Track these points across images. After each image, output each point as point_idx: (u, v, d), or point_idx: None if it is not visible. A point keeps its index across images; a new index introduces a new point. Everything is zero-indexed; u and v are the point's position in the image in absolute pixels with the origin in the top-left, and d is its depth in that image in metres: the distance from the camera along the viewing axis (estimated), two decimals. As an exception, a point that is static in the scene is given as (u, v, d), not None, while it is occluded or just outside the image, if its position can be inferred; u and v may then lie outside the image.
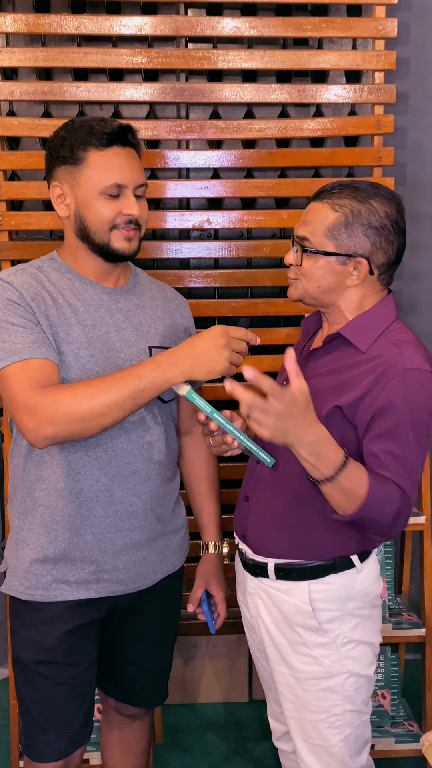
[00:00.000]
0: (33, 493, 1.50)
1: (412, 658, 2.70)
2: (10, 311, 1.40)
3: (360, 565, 1.47)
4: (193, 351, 1.38)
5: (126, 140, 1.47)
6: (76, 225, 1.47)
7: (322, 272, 1.42)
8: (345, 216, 1.39)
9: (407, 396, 1.33)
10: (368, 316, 1.44)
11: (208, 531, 1.73)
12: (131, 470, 1.51)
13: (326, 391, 1.41)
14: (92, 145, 1.43)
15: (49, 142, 1.50)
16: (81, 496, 1.48)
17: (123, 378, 1.36)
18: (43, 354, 1.39)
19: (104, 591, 1.52)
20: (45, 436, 1.35)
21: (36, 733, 1.54)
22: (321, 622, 1.45)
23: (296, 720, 1.52)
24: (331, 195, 1.42)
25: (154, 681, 1.73)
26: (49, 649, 1.50)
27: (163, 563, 1.61)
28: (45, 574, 1.49)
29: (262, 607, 1.53)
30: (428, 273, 2.56)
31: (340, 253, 1.40)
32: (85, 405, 1.34)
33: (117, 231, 1.46)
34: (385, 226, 1.40)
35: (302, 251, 1.43)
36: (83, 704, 1.56)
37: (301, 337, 1.63)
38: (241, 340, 1.40)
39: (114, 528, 1.51)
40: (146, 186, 1.50)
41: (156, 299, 1.63)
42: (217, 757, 2.32)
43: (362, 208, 1.39)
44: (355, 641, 1.47)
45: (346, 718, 1.48)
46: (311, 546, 1.45)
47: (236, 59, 2.11)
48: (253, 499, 1.53)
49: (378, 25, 2.12)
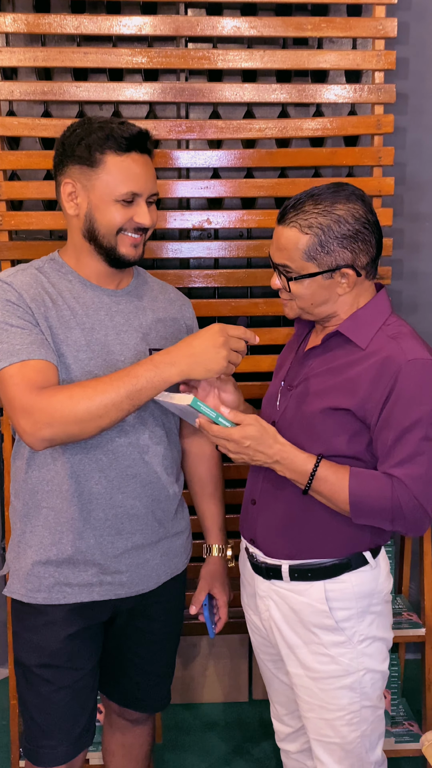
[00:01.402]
0: (36, 495, 1.49)
1: (412, 658, 2.70)
2: (9, 312, 1.40)
3: (373, 562, 1.48)
4: (191, 350, 1.37)
5: (144, 147, 1.46)
6: (86, 225, 1.46)
7: (312, 291, 1.43)
8: (317, 236, 1.38)
9: (411, 387, 1.35)
10: (364, 312, 1.45)
11: (212, 534, 1.72)
12: (132, 473, 1.50)
13: (327, 390, 1.41)
14: (111, 148, 1.42)
15: (63, 138, 1.48)
16: (82, 499, 1.47)
17: (120, 378, 1.35)
18: (42, 355, 1.38)
19: (107, 594, 1.51)
20: (42, 438, 1.35)
21: (38, 737, 1.53)
22: (338, 620, 1.45)
23: (312, 720, 1.53)
24: (295, 217, 1.39)
25: (157, 685, 1.72)
26: (51, 653, 1.49)
27: (167, 566, 1.60)
28: (48, 576, 1.48)
29: (275, 609, 1.53)
30: (428, 273, 2.56)
31: (324, 270, 1.40)
32: (82, 406, 1.33)
33: (123, 235, 1.46)
34: (359, 231, 1.39)
35: (286, 279, 1.43)
36: (86, 708, 1.56)
37: (295, 336, 1.63)
38: (239, 339, 1.39)
39: (115, 531, 1.50)
40: (158, 194, 1.50)
41: (158, 301, 1.62)
42: (217, 757, 2.32)
43: (330, 223, 1.37)
44: (371, 638, 1.48)
45: (362, 714, 1.49)
46: (325, 544, 1.45)
47: (236, 59, 2.11)
48: (261, 501, 1.53)
49: (378, 25, 2.12)
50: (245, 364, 2.17)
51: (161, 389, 1.37)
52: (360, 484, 1.37)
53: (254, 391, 2.20)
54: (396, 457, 1.36)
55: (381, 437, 1.38)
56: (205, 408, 1.36)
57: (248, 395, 2.20)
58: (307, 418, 1.43)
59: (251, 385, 2.20)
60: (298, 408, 1.46)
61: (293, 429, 1.46)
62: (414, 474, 1.35)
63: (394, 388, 1.35)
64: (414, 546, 2.50)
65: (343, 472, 1.38)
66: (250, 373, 2.19)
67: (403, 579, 2.48)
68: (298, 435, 1.44)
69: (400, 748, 2.21)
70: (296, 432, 1.45)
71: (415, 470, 1.35)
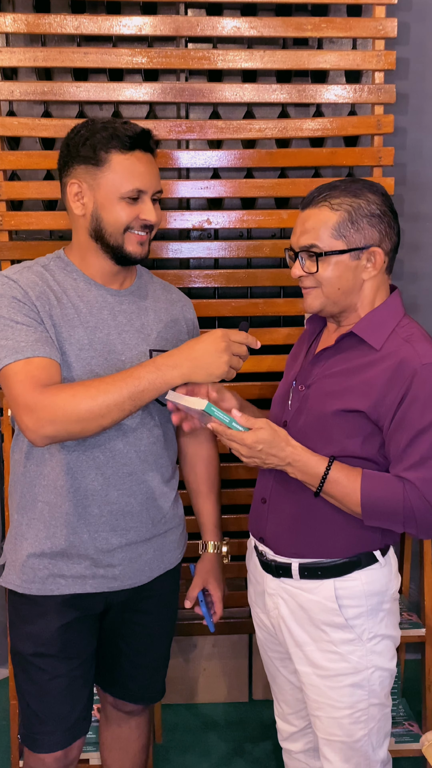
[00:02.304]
0: (32, 489, 1.51)
1: (412, 658, 2.70)
2: (15, 309, 1.41)
3: (383, 560, 1.49)
4: (193, 354, 1.38)
5: (147, 145, 1.48)
6: (92, 225, 1.48)
7: (339, 272, 1.43)
8: (347, 212, 1.40)
9: (426, 390, 1.36)
10: (379, 313, 1.45)
11: (208, 531, 1.74)
12: (127, 471, 1.52)
13: (341, 392, 1.42)
14: (115, 147, 1.44)
15: (67, 140, 1.49)
16: (78, 495, 1.49)
17: (123, 379, 1.36)
18: (46, 353, 1.39)
19: (100, 586, 1.53)
20: (45, 435, 1.36)
21: (34, 723, 1.56)
22: (348, 618, 1.46)
23: (320, 719, 1.53)
24: (324, 198, 1.42)
25: (151, 677, 1.74)
26: (45, 642, 1.52)
27: (160, 560, 1.62)
28: (42, 568, 1.51)
29: (284, 607, 1.53)
30: (428, 273, 2.56)
31: (353, 248, 1.41)
32: (84, 405, 1.34)
33: (131, 234, 1.47)
34: (385, 213, 1.42)
35: (315, 257, 1.42)
36: (81, 697, 1.58)
37: (306, 335, 1.63)
38: (241, 344, 1.41)
39: (109, 527, 1.52)
40: (162, 191, 1.52)
41: (160, 301, 1.63)
42: (217, 757, 2.32)
43: (360, 201, 1.41)
44: (380, 636, 1.49)
45: (370, 712, 1.50)
46: (335, 544, 1.46)
47: (236, 59, 2.11)
48: (272, 500, 1.53)
49: (378, 25, 2.12)
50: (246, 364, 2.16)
51: (163, 391, 1.38)
52: (372, 486, 1.37)
53: (254, 391, 2.20)
54: (409, 460, 1.37)
55: (394, 440, 1.38)
56: (219, 413, 1.36)
57: (248, 395, 2.20)
58: (320, 419, 1.43)
59: (251, 385, 2.20)
60: (311, 409, 1.46)
61: (305, 429, 1.46)
62: (426, 477, 1.35)
63: (408, 392, 1.36)
64: (414, 546, 2.50)
65: (354, 474, 1.39)
66: (250, 373, 2.19)
67: (403, 579, 2.48)
68: (310, 435, 1.44)
69: (400, 748, 2.21)
70: (308, 432, 1.45)
71: (427, 473, 1.36)
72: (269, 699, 2.46)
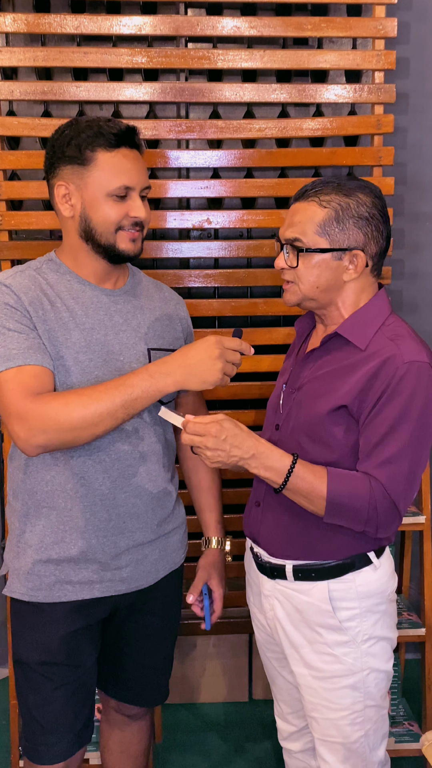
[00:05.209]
0: (35, 496, 1.49)
1: (412, 657, 2.70)
2: (7, 316, 1.40)
3: (377, 562, 1.48)
4: (187, 361, 1.37)
5: (133, 142, 1.47)
6: (81, 226, 1.47)
7: (319, 270, 1.42)
8: (335, 211, 1.39)
9: (406, 389, 1.35)
10: (363, 312, 1.44)
11: (211, 527, 1.73)
12: (132, 473, 1.51)
13: (329, 393, 1.41)
14: (101, 145, 1.43)
15: (52, 141, 1.48)
16: (86, 500, 1.48)
17: (115, 387, 1.35)
18: (38, 360, 1.38)
19: (107, 590, 1.52)
20: (36, 445, 1.35)
21: (37, 734, 1.53)
22: (341, 620, 1.45)
23: (316, 720, 1.52)
24: (315, 193, 1.41)
25: (156, 679, 1.73)
26: (52, 650, 1.50)
27: (165, 561, 1.61)
28: (48, 574, 1.49)
29: (280, 608, 1.53)
30: (428, 273, 2.56)
31: (335, 248, 1.40)
32: (76, 414, 1.33)
33: (123, 232, 1.46)
34: (374, 216, 1.40)
35: (296, 252, 1.42)
36: (85, 705, 1.56)
37: (296, 338, 1.63)
38: (235, 351, 1.40)
39: (117, 530, 1.51)
40: (150, 188, 1.51)
41: (154, 300, 1.63)
42: (217, 757, 2.32)
43: (350, 201, 1.39)
44: (375, 637, 1.48)
45: (366, 713, 1.49)
46: (329, 546, 1.45)
47: (236, 59, 2.11)
48: (265, 504, 1.53)
49: (378, 25, 2.12)
50: (246, 364, 2.17)
51: (156, 399, 1.38)
52: (338, 483, 1.36)
53: (254, 391, 2.20)
54: (378, 457, 1.36)
55: (365, 434, 1.37)
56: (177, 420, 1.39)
57: (248, 395, 2.21)
58: (310, 421, 1.43)
59: (251, 385, 2.20)
60: (300, 411, 1.46)
61: (296, 432, 1.46)
62: (394, 475, 1.35)
63: (388, 388, 1.35)
64: (414, 546, 2.50)
65: (320, 471, 1.38)
66: (250, 373, 2.19)
67: (403, 579, 2.48)
68: (301, 438, 1.44)
69: (400, 748, 2.21)
70: (299, 435, 1.45)
71: (395, 471, 1.35)
72: (269, 699, 2.47)
